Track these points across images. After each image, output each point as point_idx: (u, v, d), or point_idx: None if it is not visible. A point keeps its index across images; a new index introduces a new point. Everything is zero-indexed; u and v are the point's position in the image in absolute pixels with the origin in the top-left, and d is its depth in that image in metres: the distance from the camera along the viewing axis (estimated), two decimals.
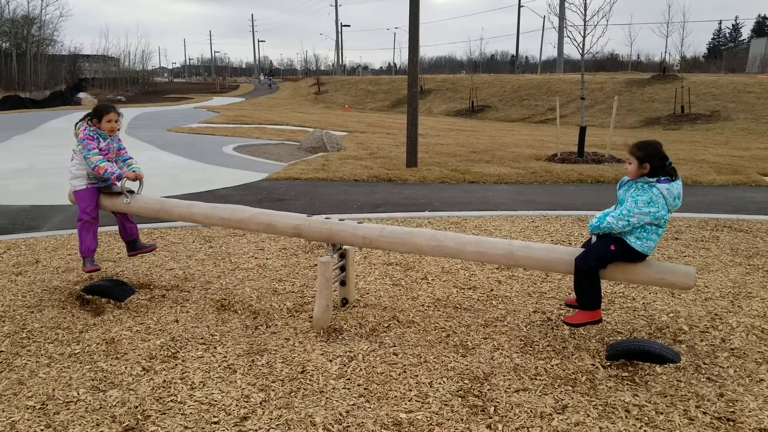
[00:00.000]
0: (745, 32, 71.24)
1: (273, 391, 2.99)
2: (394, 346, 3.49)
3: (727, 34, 74.87)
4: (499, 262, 3.53)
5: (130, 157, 4.51)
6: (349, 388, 3.01)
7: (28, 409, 2.83)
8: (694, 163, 11.69)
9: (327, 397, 2.92)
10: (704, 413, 2.80)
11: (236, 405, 2.85)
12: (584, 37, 11.92)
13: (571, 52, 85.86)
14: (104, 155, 4.26)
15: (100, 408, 2.83)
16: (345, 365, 3.25)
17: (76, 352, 3.42)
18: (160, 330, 3.72)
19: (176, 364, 3.26)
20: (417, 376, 3.14)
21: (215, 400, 2.89)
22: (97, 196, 4.38)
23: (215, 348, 3.46)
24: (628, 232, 3.18)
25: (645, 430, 2.66)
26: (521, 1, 57.85)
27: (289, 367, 3.23)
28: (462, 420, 2.74)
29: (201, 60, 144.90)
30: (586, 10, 11.81)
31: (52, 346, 3.50)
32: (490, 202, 8.07)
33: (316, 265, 3.83)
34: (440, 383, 3.06)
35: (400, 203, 7.99)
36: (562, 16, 23.60)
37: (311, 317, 3.88)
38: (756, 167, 11.20)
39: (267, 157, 12.54)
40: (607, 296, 4.26)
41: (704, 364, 3.28)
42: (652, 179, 3.12)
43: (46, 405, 2.86)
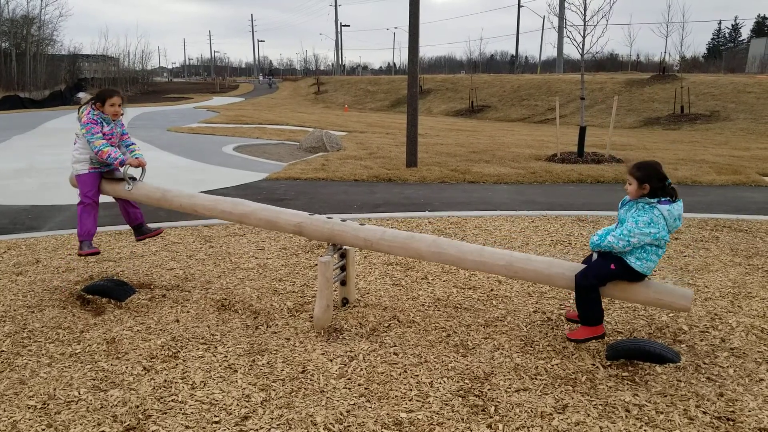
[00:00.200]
0: (745, 32, 71.37)
1: (274, 390, 2.99)
2: (395, 346, 3.49)
3: (727, 34, 74.95)
4: (499, 273, 3.55)
5: (133, 143, 4.47)
6: (349, 388, 3.02)
7: (29, 408, 2.83)
8: (694, 163, 11.70)
9: (328, 397, 2.93)
10: (704, 413, 2.81)
11: (237, 405, 2.86)
12: (584, 37, 11.93)
13: (571, 52, 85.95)
14: (107, 140, 4.20)
15: (102, 408, 2.83)
16: (345, 365, 3.26)
17: (77, 351, 3.43)
18: (161, 330, 3.72)
19: (177, 364, 3.27)
20: (417, 375, 3.14)
21: (216, 400, 2.90)
22: (99, 180, 4.33)
23: (216, 348, 3.47)
24: (629, 252, 3.21)
25: (645, 430, 2.67)
26: (521, 1, 57.88)
27: (290, 367, 3.23)
28: (462, 420, 2.75)
29: (201, 60, 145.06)
30: (585, 10, 11.82)
31: (53, 345, 3.51)
32: (490, 202, 8.07)
33: (317, 265, 3.84)
34: (441, 383, 3.07)
35: (400, 203, 7.99)
36: (561, 16, 23.63)
37: (312, 317, 3.88)
38: (756, 167, 11.21)
39: (267, 157, 12.54)
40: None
41: (704, 363, 3.29)
42: (653, 200, 3.15)
43: (48, 405, 2.86)
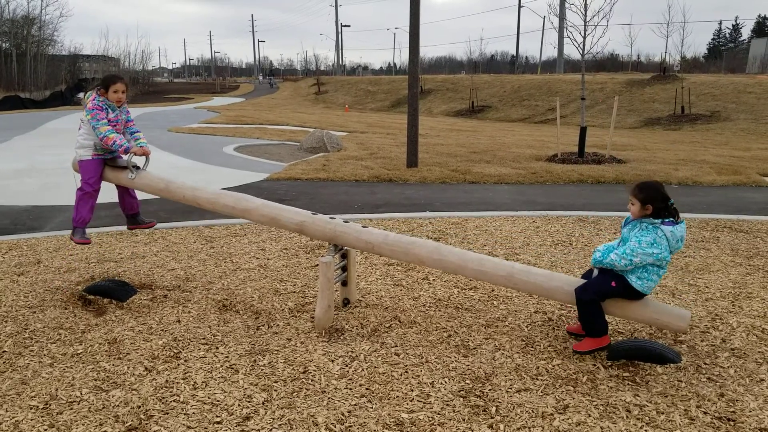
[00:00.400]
0: (745, 32, 71.38)
1: (275, 391, 3.00)
2: (396, 347, 3.50)
3: (727, 35, 74.97)
4: (499, 284, 3.56)
5: (138, 131, 4.43)
6: (351, 388, 3.02)
7: (31, 408, 2.84)
8: (695, 163, 11.70)
9: (329, 397, 2.94)
10: (705, 413, 2.81)
11: (239, 405, 2.86)
12: (584, 38, 11.93)
13: (571, 52, 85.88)
14: (113, 126, 4.16)
15: (103, 408, 2.84)
16: (347, 365, 3.26)
17: (79, 352, 3.43)
18: (162, 330, 3.73)
19: (178, 364, 3.27)
20: (419, 376, 3.15)
21: (218, 400, 2.90)
22: (102, 167, 4.28)
23: (217, 348, 3.48)
24: (630, 271, 3.22)
25: (646, 430, 2.67)
26: (521, 1, 57.88)
27: (291, 367, 3.24)
28: (464, 420, 2.75)
29: (201, 60, 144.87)
30: (586, 11, 11.82)
31: (55, 346, 3.51)
32: (491, 203, 8.08)
33: (318, 266, 3.84)
34: (442, 383, 3.07)
35: (400, 203, 8.00)
36: (562, 17, 23.63)
37: (313, 317, 3.89)
38: (756, 168, 11.21)
39: (268, 158, 12.55)
40: None
41: (705, 364, 3.30)
42: (657, 221, 3.16)
43: (50, 405, 2.87)
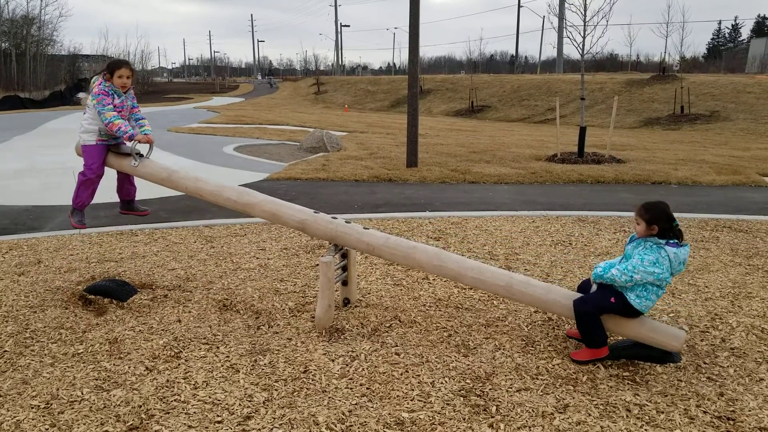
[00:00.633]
0: (745, 32, 71.35)
1: (276, 390, 3.01)
2: (396, 346, 3.50)
3: (727, 35, 74.97)
4: (497, 293, 3.56)
5: (143, 117, 4.40)
6: (351, 388, 3.03)
7: (32, 408, 2.84)
8: (694, 163, 11.71)
9: (330, 397, 2.94)
10: (705, 412, 2.82)
11: (239, 404, 2.87)
12: (584, 38, 11.94)
13: (571, 52, 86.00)
14: (118, 112, 4.14)
15: (104, 407, 2.85)
16: (347, 365, 3.27)
17: (80, 351, 3.44)
18: (163, 330, 3.73)
19: (179, 364, 3.28)
20: (419, 375, 3.16)
21: (218, 400, 2.91)
22: (104, 153, 4.25)
23: (218, 348, 3.48)
24: (630, 289, 3.22)
25: (646, 429, 2.68)
26: (521, 1, 57.90)
27: (292, 367, 3.25)
28: (464, 419, 2.76)
29: (200, 60, 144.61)
30: (585, 11, 11.83)
31: (56, 346, 3.52)
32: (491, 202, 8.09)
33: (318, 265, 3.85)
34: (442, 383, 3.08)
35: (400, 203, 8.00)
36: (561, 17, 23.66)
37: (313, 317, 3.89)
38: (755, 167, 11.22)
39: (267, 158, 12.55)
40: None
41: (704, 363, 3.31)
42: (662, 241, 3.17)
43: (51, 404, 2.88)
